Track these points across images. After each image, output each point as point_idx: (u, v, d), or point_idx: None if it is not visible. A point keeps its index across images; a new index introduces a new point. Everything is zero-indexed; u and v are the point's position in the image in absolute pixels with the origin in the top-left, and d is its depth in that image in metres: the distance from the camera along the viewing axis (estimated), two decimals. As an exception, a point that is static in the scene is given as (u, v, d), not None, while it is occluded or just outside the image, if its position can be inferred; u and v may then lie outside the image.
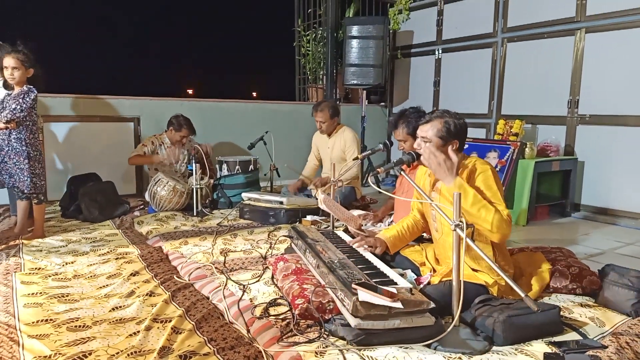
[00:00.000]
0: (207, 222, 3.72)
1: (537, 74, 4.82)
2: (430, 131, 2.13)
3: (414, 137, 2.08)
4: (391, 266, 2.41)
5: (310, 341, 1.76)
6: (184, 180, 4.35)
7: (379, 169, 2.25)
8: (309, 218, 3.65)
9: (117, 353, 1.74)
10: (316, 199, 3.20)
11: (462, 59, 5.61)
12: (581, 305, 2.17)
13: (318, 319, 1.87)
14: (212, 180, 4.40)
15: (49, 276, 2.55)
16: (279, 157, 4.79)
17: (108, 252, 2.97)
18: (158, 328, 1.93)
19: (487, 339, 1.77)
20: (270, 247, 3.01)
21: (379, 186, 5.48)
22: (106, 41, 19.00)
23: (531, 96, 4.88)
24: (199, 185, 3.96)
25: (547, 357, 1.69)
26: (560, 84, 4.60)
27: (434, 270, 2.33)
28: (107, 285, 2.44)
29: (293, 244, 2.66)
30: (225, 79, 21.25)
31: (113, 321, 2.01)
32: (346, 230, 2.95)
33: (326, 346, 1.73)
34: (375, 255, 2.37)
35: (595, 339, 1.84)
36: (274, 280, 2.35)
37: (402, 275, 2.20)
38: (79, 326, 1.96)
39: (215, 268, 2.59)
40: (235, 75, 21.63)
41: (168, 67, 20.69)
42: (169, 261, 2.81)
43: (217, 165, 4.54)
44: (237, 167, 4.43)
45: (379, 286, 1.78)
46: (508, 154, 4.17)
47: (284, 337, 1.80)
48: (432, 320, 1.76)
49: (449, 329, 1.73)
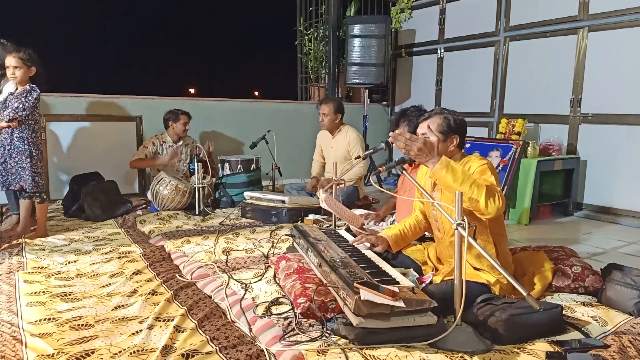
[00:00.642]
0: (209, 221, 3.73)
1: (540, 72, 4.80)
2: (430, 127, 2.13)
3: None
4: (393, 265, 2.41)
5: (313, 340, 1.76)
6: (186, 179, 4.35)
7: (380, 168, 2.25)
8: (311, 217, 3.66)
9: (120, 352, 1.74)
10: (318, 198, 3.20)
11: (464, 58, 5.60)
12: (583, 304, 2.17)
13: (320, 317, 1.87)
14: (214, 179, 4.41)
15: (52, 275, 2.55)
16: (280, 156, 4.79)
17: (110, 251, 2.97)
18: (160, 327, 1.94)
19: (490, 338, 1.77)
20: (272, 246, 3.01)
21: (381, 185, 5.48)
22: (108, 41, 19.06)
23: (533, 95, 4.87)
24: (201, 185, 3.97)
25: (550, 356, 1.69)
26: (563, 82, 4.59)
27: (436, 269, 2.33)
28: (110, 284, 2.45)
29: (295, 243, 2.66)
30: (227, 78, 21.27)
31: (115, 320, 2.01)
32: (348, 230, 2.95)
33: (328, 345, 1.73)
34: (377, 254, 2.37)
35: (597, 338, 1.84)
36: (276, 279, 2.35)
37: (404, 274, 2.20)
38: (82, 325, 1.96)
39: (218, 267, 2.59)
40: (237, 75, 21.65)
41: (170, 67, 20.73)
42: (171, 260, 2.82)
43: (219, 165, 4.54)
44: (239, 166, 4.44)
45: (381, 285, 1.78)
46: (510, 153, 4.16)
47: (286, 336, 1.80)
48: (434, 319, 1.76)
49: (451, 328, 1.73)
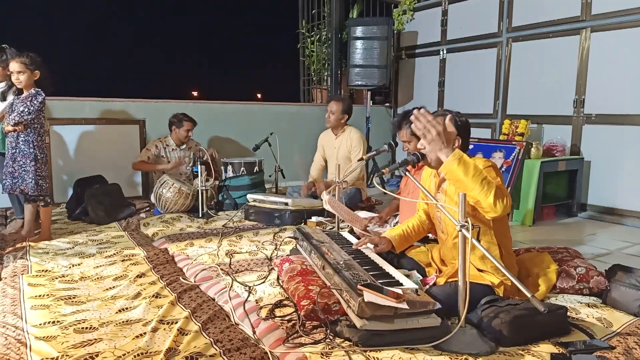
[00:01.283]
0: (213, 224, 3.73)
1: (543, 73, 4.80)
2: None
3: (417, 138, 2.06)
4: (400, 265, 2.41)
5: (316, 342, 1.76)
6: (189, 182, 4.36)
7: (383, 170, 2.25)
8: (314, 219, 3.66)
9: (124, 354, 1.74)
10: (321, 200, 3.20)
11: (467, 59, 5.60)
12: (588, 305, 2.16)
13: (324, 320, 1.87)
14: (217, 182, 4.42)
15: (56, 278, 2.56)
16: (283, 159, 4.79)
17: (114, 254, 2.98)
18: (164, 329, 1.94)
19: (494, 340, 1.76)
20: (275, 249, 3.01)
21: (384, 187, 5.47)
22: (111, 44, 19.11)
23: (537, 96, 4.86)
24: (204, 187, 3.97)
25: (554, 358, 1.68)
26: (566, 83, 4.58)
27: (440, 271, 2.33)
28: (114, 287, 2.45)
29: (298, 245, 2.66)
30: (229, 80, 21.29)
31: (119, 323, 2.02)
32: (351, 232, 2.95)
33: (332, 347, 1.73)
34: (380, 256, 2.36)
35: (602, 340, 1.83)
36: (280, 281, 2.36)
37: (408, 276, 2.20)
38: (86, 328, 1.96)
39: (221, 269, 2.59)
40: (240, 77, 21.67)
41: (173, 70, 20.76)
42: (174, 263, 2.82)
43: (222, 167, 4.55)
44: (242, 169, 4.44)
45: (385, 287, 1.78)
46: (514, 154, 4.15)
47: (289, 339, 1.80)
48: (438, 321, 1.75)
49: (455, 330, 1.72)
